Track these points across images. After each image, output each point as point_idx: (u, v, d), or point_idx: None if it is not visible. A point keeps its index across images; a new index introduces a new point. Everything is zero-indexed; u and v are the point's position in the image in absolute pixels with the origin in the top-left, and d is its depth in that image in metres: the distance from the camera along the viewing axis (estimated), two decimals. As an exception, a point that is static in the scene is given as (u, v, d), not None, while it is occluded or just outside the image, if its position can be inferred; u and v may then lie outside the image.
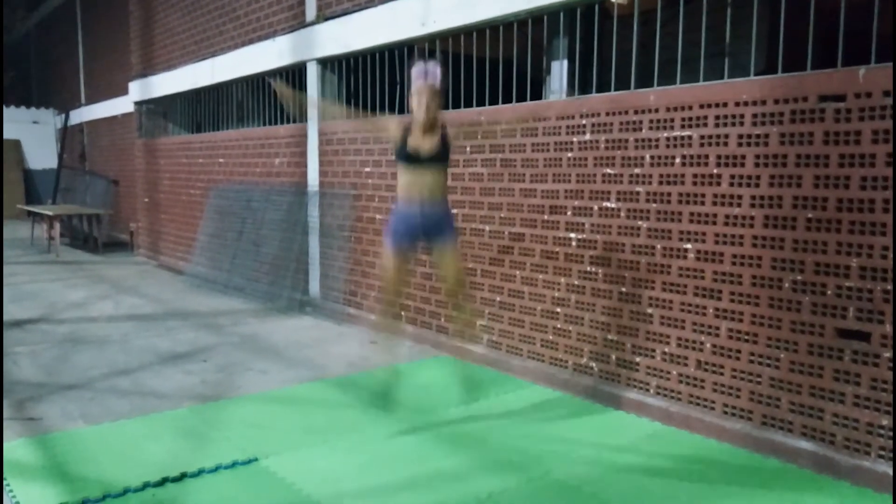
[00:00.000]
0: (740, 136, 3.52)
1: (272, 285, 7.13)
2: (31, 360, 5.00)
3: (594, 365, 4.31)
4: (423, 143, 3.56)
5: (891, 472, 3.04)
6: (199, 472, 3.17)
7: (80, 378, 4.60)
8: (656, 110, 3.88)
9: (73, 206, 13.50)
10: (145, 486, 3.03)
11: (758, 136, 3.45)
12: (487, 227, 4.94)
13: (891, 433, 3.07)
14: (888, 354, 3.07)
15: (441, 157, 3.60)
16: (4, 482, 3.05)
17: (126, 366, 4.91)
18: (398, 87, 5.71)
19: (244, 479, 3.14)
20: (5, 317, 6.33)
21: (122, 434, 3.65)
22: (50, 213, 11.44)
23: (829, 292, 3.24)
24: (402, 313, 3.59)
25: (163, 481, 3.07)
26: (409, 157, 3.56)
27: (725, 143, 3.58)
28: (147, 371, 4.79)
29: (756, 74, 3.56)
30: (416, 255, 3.57)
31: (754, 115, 3.46)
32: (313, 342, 5.66)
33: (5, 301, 7.05)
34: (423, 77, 3.52)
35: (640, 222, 4.00)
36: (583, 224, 4.31)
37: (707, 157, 3.66)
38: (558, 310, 4.50)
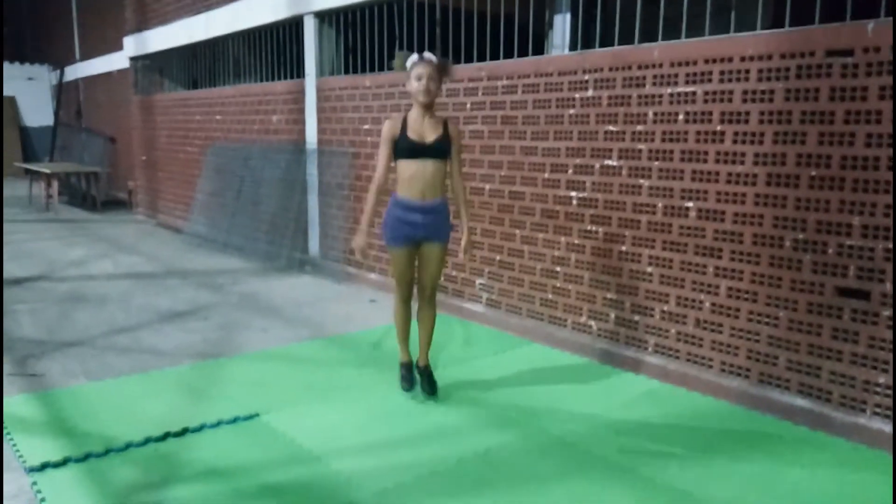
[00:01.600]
0: (745, 92, 3.46)
1: (271, 244, 7.12)
2: (31, 318, 5.02)
3: (593, 324, 4.32)
4: (426, 131, 3.36)
5: (886, 428, 3.07)
6: (201, 427, 3.20)
7: (80, 336, 4.62)
8: (660, 65, 3.80)
9: (70, 163, 13.40)
10: (147, 440, 3.06)
11: (763, 91, 3.39)
12: (487, 186, 4.90)
13: (887, 390, 3.09)
14: (887, 313, 3.07)
15: (444, 149, 3.39)
16: (8, 436, 3.08)
17: (126, 324, 4.92)
18: (397, 42, 5.60)
19: (245, 434, 3.17)
20: (5, 275, 6.34)
21: (124, 390, 3.68)
22: (47, 172, 11.37)
23: (830, 251, 3.23)
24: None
25: (164, 436, 3.10)
26: (412, 148, 3.34)
27: (730, 100, 3.52)
28: (147, 329, 4.81)
29: (763, 28, 3.48)
30: (416, 250, 3.51)
31: (760, 71, 3.40)
32: (313, 301, 5.67)
33: (5, 259, 7.05)
34: (422, 58, 3.33)
35: (641, 180, 3.96)
36: (584, 182, 4.27)
37: (711, 113, 3.60)
38: (558, 269, 4.49)
